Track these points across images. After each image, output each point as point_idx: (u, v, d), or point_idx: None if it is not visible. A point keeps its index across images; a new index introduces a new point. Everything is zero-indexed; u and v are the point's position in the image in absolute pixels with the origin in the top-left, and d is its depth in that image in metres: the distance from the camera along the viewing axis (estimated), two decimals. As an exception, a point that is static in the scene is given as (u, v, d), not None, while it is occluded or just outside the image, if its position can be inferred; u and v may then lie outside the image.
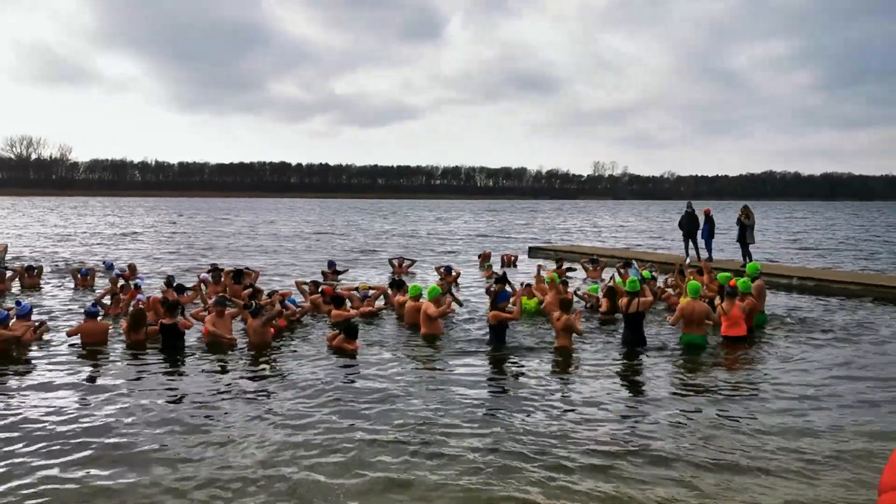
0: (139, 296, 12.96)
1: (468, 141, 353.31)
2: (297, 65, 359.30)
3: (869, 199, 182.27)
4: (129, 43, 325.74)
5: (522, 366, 9.77)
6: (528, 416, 7.46)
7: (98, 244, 32.77)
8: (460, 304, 13.33)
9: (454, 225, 56.32)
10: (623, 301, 11.03)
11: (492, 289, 13.93)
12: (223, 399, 8.04)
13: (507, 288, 13.12)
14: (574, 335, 10.62)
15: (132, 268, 20.12)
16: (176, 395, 8.20)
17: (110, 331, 10.99)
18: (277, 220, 62.05)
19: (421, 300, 12.12)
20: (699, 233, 21.42)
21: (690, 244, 21.81)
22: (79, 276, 17.56)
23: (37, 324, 10.93)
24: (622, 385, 8.93)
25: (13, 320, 10.50)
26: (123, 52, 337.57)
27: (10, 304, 13.24)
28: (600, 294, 14.03)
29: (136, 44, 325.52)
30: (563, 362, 9.93)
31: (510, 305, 11.54)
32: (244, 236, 39.49)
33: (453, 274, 17.81)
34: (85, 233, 40.98)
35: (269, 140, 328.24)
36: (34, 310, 11.95)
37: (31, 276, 17.38)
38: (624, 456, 6.30)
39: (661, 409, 7.79)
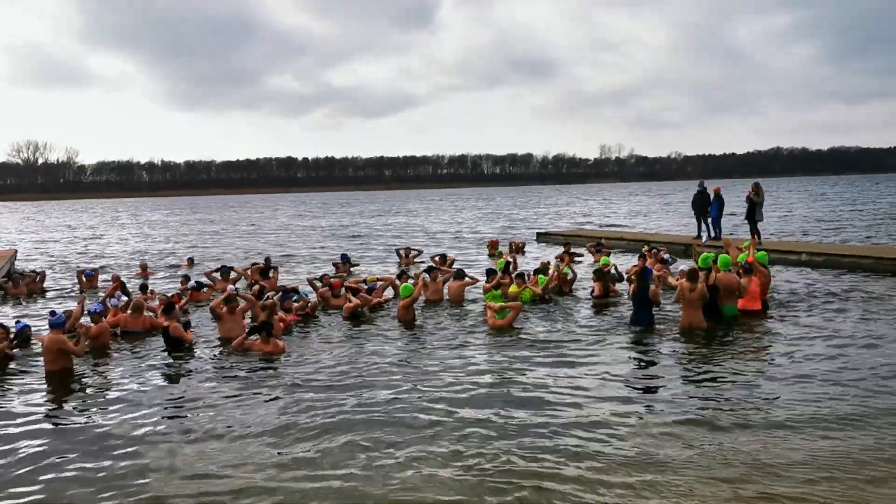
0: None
1: (471, 128, 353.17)
2: (290, 57, 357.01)
3: (878, 172, 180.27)
4: (119, 41, 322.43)
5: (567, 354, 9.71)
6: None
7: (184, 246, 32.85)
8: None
9: (463, 214, 56.17)
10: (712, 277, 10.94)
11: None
12: (227, 395, 8.02)
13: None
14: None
15: (143, 266, 20.35)
16: (183, 388, 8.22)
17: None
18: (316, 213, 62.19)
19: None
20: (709, 211, 21.34)
21: (703, 223, 21.71)
22: (83, 277, 17.34)
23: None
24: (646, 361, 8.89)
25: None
26: (114, 50, 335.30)
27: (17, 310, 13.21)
28: (570, 275, 14.32)
29: (127, 42, 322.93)
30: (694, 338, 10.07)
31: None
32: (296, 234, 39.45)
33: (448, 260, 17.87)
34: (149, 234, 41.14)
35: (271, 134, 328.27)
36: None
37: (33, 282, 16.92)
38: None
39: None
